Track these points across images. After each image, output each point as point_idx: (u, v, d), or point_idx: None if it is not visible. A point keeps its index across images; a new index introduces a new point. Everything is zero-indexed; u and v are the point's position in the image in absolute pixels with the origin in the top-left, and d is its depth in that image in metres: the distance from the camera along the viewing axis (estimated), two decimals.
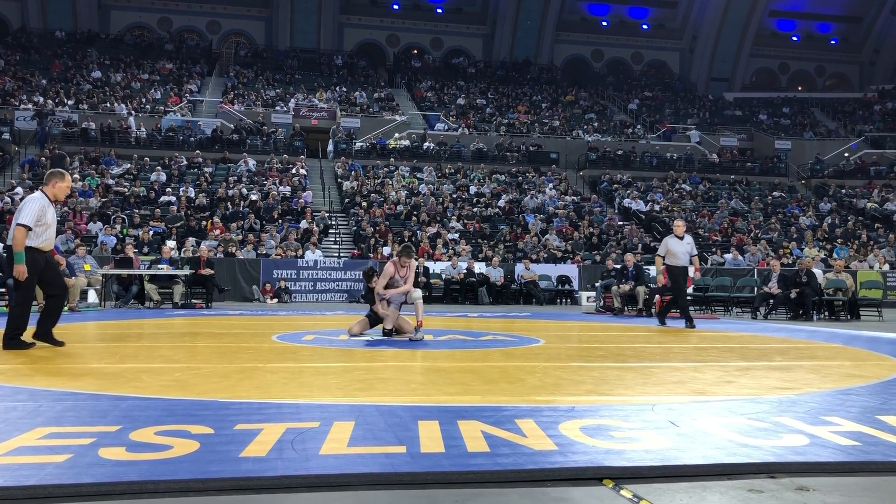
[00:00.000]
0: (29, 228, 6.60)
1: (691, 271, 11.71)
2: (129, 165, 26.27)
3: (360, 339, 8.39)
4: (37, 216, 6.66)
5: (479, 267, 20.44)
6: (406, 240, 22.16)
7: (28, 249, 6.64)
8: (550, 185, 29.33)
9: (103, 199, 23.02)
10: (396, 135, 32.56)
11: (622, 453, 3.00)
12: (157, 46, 41.14)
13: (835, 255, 23.27)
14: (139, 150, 27.93)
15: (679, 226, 11.91)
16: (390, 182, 27.54)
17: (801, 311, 14.72)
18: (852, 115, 43.61)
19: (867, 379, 5.43)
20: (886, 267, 23.06)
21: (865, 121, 42.47)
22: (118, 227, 20.81)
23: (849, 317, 15.04)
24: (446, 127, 34.43)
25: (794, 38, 51.99)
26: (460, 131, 34.12)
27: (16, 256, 6.61)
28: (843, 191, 32.58)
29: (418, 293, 8.51)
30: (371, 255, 21.22)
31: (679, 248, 11.57)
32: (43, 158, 25.29)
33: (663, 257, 11.64)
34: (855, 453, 3.04)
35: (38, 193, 6.89)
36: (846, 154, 36.79)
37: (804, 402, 4.35)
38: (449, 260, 20.66)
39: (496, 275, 20.08)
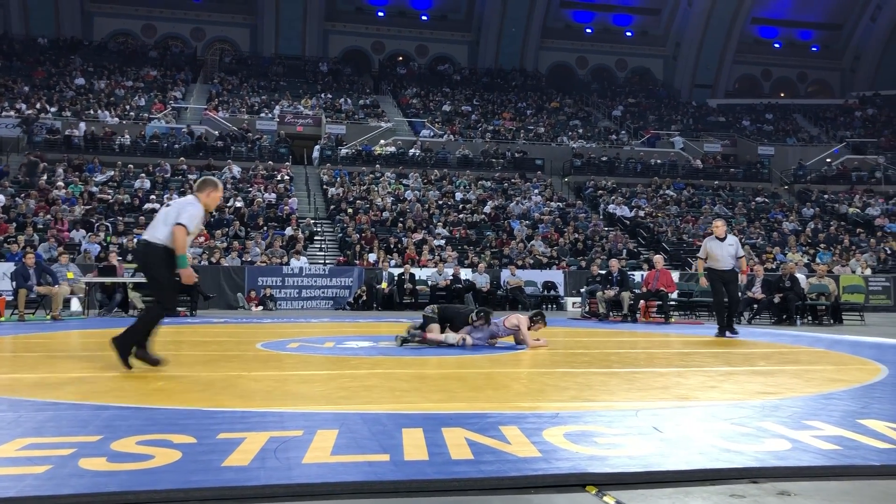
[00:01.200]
0: (188, 231, 5.93)
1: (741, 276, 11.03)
2: (112, 173, 26.11)
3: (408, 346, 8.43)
4: (196, 221, 6.06)
5: (465, 273, 20.45)
6: (392, 246, 22.18)
7: (167, 250, 5.91)
8: (536, 192, 29.41)
9: (87, 207, 22.87)
10: (382, 141, 32.56)
11: (605, 459, 3.00)
12: (141, 53, 40.97)
13: (818, 260, 23.45)
14: (123, 158, 27.77)
15: (718, 226, 11.12)
16: (376, 189, 27.53)
17: (784, 316, 14.81)
18: (834, 121, 44.03)
19: (849, 383, 5.46)
20: (868, 271, 23.27)
21: (847, 127, 42.89)
22: (102, 234, 20.68)
23: (832, 321, 15.16)
24: (432, 133, 34.47)
25: (777, 45, 52.47)
26: (446, 138, 34.18)
27: (179, 260, 5.90)
28: (826, 196, 32.86)
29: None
30: (357, 261, 21.19)
31: (719, 250, 10.89)
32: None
33: (704, 260, 11.00)
34: (836, 457, 3.06)
35: (192, 198, 6.18)
36: (828, 160, 37.14)
37: (787, 406, 4.37)
38: (435, 266, 20.66)
39: (482, 281, 20.09)
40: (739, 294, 12.91)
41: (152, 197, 24.14)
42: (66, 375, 5.73)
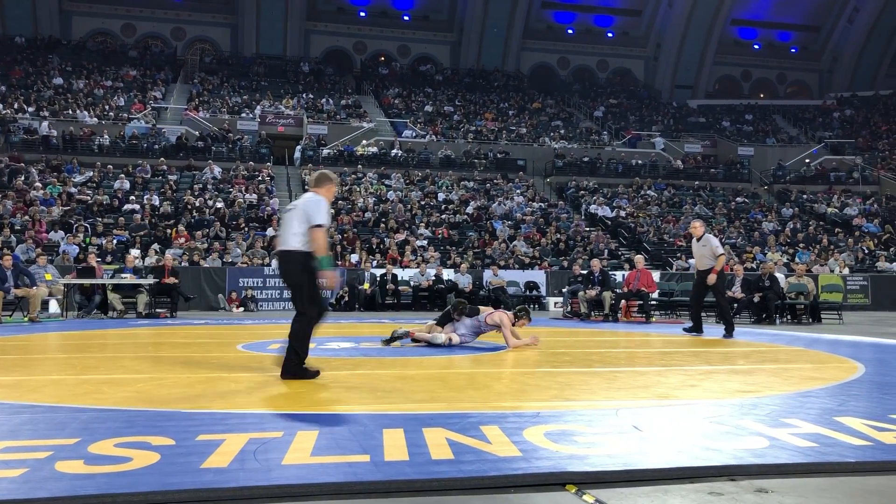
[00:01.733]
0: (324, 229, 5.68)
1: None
2: (91, 173, 25.87)
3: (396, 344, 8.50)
4: (328, 217, 5.88)
5: (447, 274, 20.46)
6: (375, 246, 22.15)
7: (306, 255, 5.65)
8: (518, 192, 29.48)
9: (65, 208, 22.64)
10: (364, 142, 32.50)
11: (585, 458, 3.01)
12: (121, 53, 40.63)
13: (797, 260, 23.67)
14: (102, 158, 27.52)
15: (695, 227, 11.23)
16: (358, 189, 27.47)
17: (763, 315, 14.94)
18: (812, 122, 44.48)
19: (826, 381, 5.52)
20: (846, 271, 23.52)
21: (825, 127, 43.35)
22: (81, 235, 20.48)
23: (810, 320, 15.31)
24: (414, 134, 34.46)
25: (756, 47, 52.93)
26: (428, 138, 34.17)
27: (323, 261, 5.66)
28: (805, 196, 33.18)
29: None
30: (339, 262, 21.13)
31: (696, 250, 11.07)
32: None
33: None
34: (813, 454, 3.09)
35: (313, 195, 5.90)
36: (807, 160, 37.51)
37: (765, 404, 4.41)
38: (417, 267, 20.64)
39: (464, 281, 20.10)
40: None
41: (132, 198, 23.93)
42: (43, 378, 5.68)
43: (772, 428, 3.63)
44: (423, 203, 27.10)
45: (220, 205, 24.12)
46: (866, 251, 26.07)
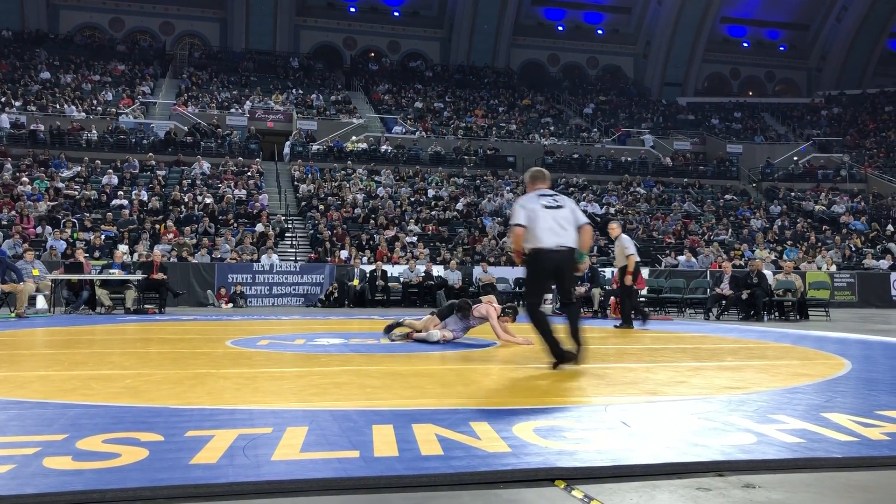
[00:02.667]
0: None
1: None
2: (79, 168, 25.72)
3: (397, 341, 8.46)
4: None
5: (437, 270, 20.46)
6: (364, 243, 22.13)
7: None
8: (508, 189, 29.50)
9: (53, 203, 22.50)
10: (353, 138, 32.44)
11: (574, 454, 3.02)
12: (109, 47, 40.38)
13: (784, 257, 23.80)
14: (90, 153, 27.37)
15: (612, 228, 12.59)
16: (348, 185, 27.42)
17: (752, 312, 15.01)
18: (800, 120, 44.71)
19: (814, 377, 5.55)
20: (833, 268, 23.67)
21: (813, 125, 43.59)
22: (68, 231, 20.36)
23: (798, 317, 15.39)
24: (404, 130, 34.42)
25: (745, 45, 53.14)
26: (418, 134, 34.14)
27: (582, 256, 6.28)
28: (793, 194, 33.37)
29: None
30: (328, 258, 21.10)
31: (616, 249, 12.25)
32: None
33: None
34: (799, 450, 3.11)
35: (560, 196, 6.32)
36: (795, 158, 37.71)
37: (753, 401, 4.43)
38: (407, 263, 20.63)
39: (454, 278, 20.11)
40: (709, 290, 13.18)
41: (120, 193, 23.82)
42: (31, 374, 5.65)
43: (759, 424, 3.65)
44: (412, 199, 27.09)
45: (208, 200, 24.03)
46: (853, 248, 26.25)
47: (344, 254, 21.42)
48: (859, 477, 2.81)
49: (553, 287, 8.47)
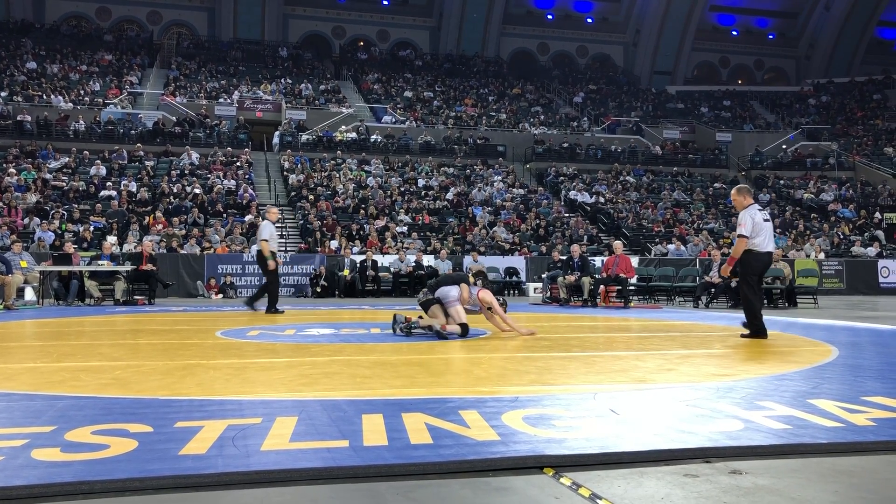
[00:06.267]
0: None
1: None
2: (67, 159, 25.56)
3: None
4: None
5: (427, 260, 20.46)
6: (354, 233, 22.09)
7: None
8: (498, 178, 29.50)
9: (41, 195, 22.36)
10: (343, 127, 32.34)
11: (563, 442, 3.04)
12: (96, 37, 40.07)
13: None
14: (78, 144, 27.19)
15: (272, 212, 13.62)
16: (337, 175, 27.36)
17: (740, 299, 15.05)
18: (789, 108, 44.84)
19: (801, 364, 5.59)
20: (822, 256, 23.80)
21: (802, 114, 43.73)
22: (57, 222, 20.25)
23: (786, 304, 15.49)
24: (393, 119, 34.33)
25: (734, 33, 53.21)
26: (408, 124, 34.06)
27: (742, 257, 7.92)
28: (781, 182, 33.50)
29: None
30: (318, 249, 21.07)
31: None
32: None
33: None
34: (786, 436, 3.14)
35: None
36: (784, 146, 37.84)
37: (741, 388, 4.46)
38: (397, 253, 20.63)
39: (444, 267, 20.11)
40: (698, 278, 13.11)
41: (109, 184, 23.69)
42: (19, 365, 5.62)
43: (746, 411, 3.68)
44: (402, 189, 27.05)
45: (198, 191, 23.93)
46: (841, 236, 26.39)
47: (334, 244, 21.39)
48: (845, 462, 2.84)
49: (546, 276, 8.66)
